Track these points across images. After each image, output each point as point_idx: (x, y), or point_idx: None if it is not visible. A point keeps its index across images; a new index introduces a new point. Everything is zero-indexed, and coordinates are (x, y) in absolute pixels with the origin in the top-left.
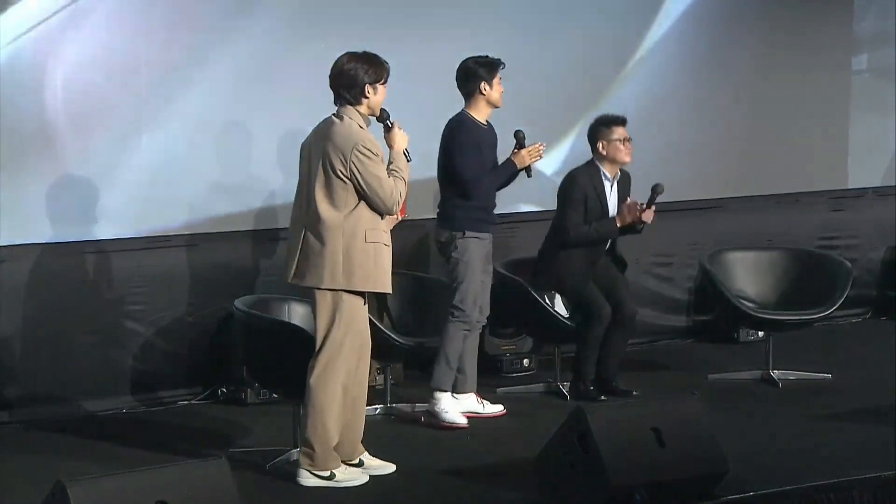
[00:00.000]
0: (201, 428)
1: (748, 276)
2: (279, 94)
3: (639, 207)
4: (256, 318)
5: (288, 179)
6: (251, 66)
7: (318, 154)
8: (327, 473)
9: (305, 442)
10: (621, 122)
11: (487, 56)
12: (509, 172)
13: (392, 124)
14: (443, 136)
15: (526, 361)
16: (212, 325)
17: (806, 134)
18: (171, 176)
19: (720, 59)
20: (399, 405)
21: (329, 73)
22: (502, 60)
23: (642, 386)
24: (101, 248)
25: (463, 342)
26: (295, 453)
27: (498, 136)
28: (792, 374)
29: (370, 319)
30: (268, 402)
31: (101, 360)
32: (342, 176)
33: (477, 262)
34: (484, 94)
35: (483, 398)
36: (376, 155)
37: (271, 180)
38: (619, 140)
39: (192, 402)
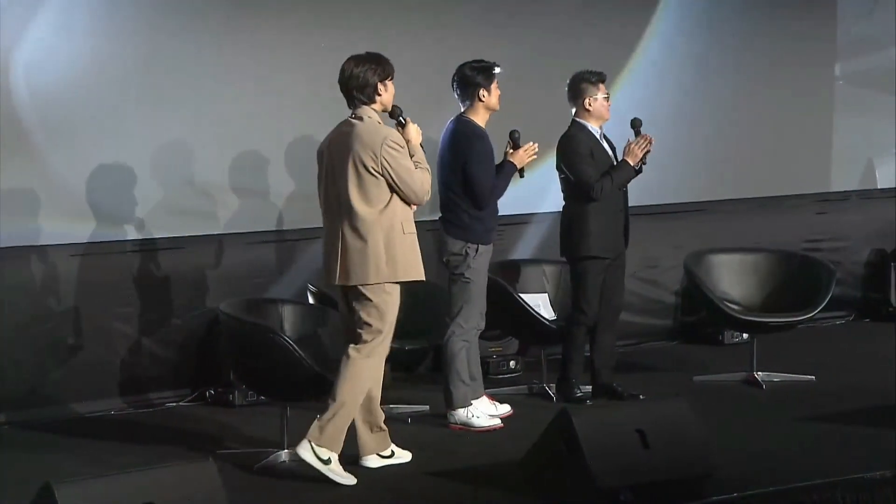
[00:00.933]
0: (189, 429)
1: (733, 278)
2: (269, 96)
3: (635, 144)
4: (239, 321)
5: (276, 182)
6: (238, 69)
7: (344, 155)
8: (326, 456)
9: (322, 417)
10: (604, 78)
11: (483, 61)
12: (512, 174)
13: (406, 120)
14: (453, 142)
15: (512, 363)
16: (200, 328)
17: (790, 138)
18: (159, 179)
19: (705, 65)
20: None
21: (338, 79)
22: (498, 64)
23: (628, 388)
24: (91, 251)
25: (467, 353)
26: (283, 454)
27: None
28: (776, 376)
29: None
30: (255, 403)
31: (91, 362)
32: (374, 172)
33: (484, 278)
34: (483, 101)
35: (493, 399)
36: (403, 148)
37: (260, 184)
38: (605, 97)
39: (181, 403)
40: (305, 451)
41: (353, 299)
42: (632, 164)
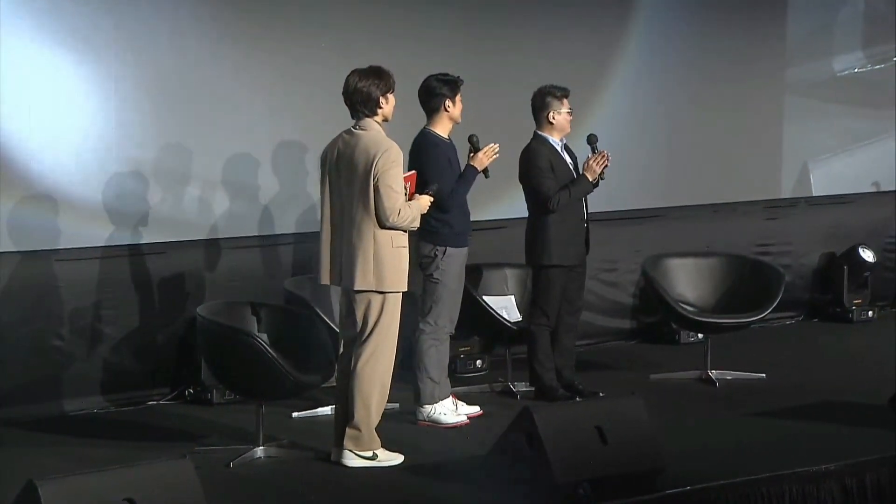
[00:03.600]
0: (169, 427)
1: (688, 281)
2: (256, 103)
3: (593, 161)
4: (216, 324)
5: (260, 187)
6: (221, 75)
7: (348, 164)
8: (370, 454)
9: (353, 424)
10: (567, 93)
11: (448, 74)
12: (474, 178)
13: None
14: (414, 153)
15: (479, 362)
16: (179, 329)
17: (742, 146)
18: (144, 185)
19: (658, 74)
20: None
21: (343, 90)
22: (462, 77)
23: (588, 386)
24: (75, 256)
25: (436, 352)
26: (259, 451)
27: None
28: (729, 374)
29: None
30: (233, 402)
31: (74, 362)
32: (374, 182)
33: (454, 281)
34: (448, 111)
35: (459, 399)
36: (398, 165)
37: (244, 189)
38: (568, 111)
39: (161, 402)
40: (350, 460)
41: (353, 300)
42: (590, 179)
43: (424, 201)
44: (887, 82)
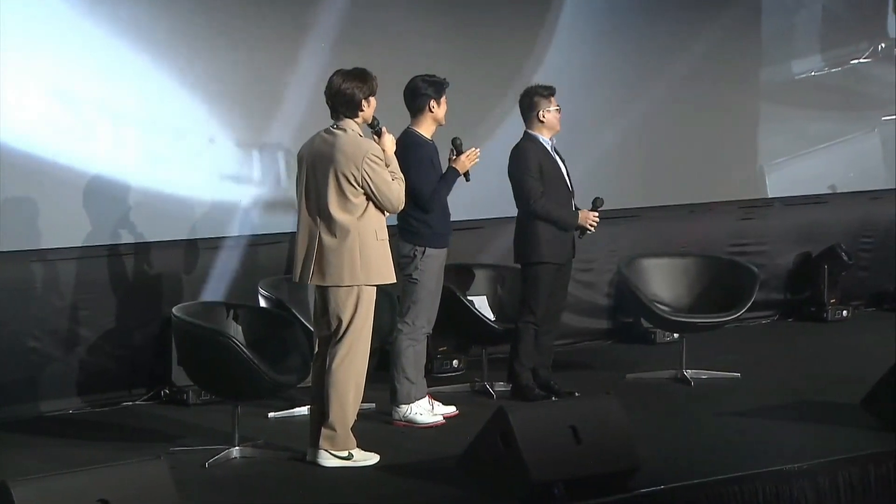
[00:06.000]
0: (145, 428)
1: (663, 281)
2: (232, 103)
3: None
4: (191, 325)
5: (236, 189)
6: (196, 73)
7: (326, 164)
8: (345, 454)
9: (328, 425)
10: (554, 92)
11: (434, 75)
12: (455, 180)
13: (382, 130)
14: (398, 153)
15: (455, 362)
16: (156, 330)
17: (718, 146)
18: (118, 186)
19: (635, 75)
20: None
21: (325, 90)
22: (447, 80)
23: (564, 385)
24: (51, 257)
25: (413, 352)
26: (234, 451)
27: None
28: (704, 374)
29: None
30: (209, 402)
31: (50, 362)
32: (354, 183)
33: (433, 281)
34: (432, 112)
35: (435, 399)
36: (382, 160)
37: (218, 190)
38: (557, 109)
39: (137, 402)
40: (326, 460)
41: (328, 300)
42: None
43: (389, 148)
44: (845, 85)
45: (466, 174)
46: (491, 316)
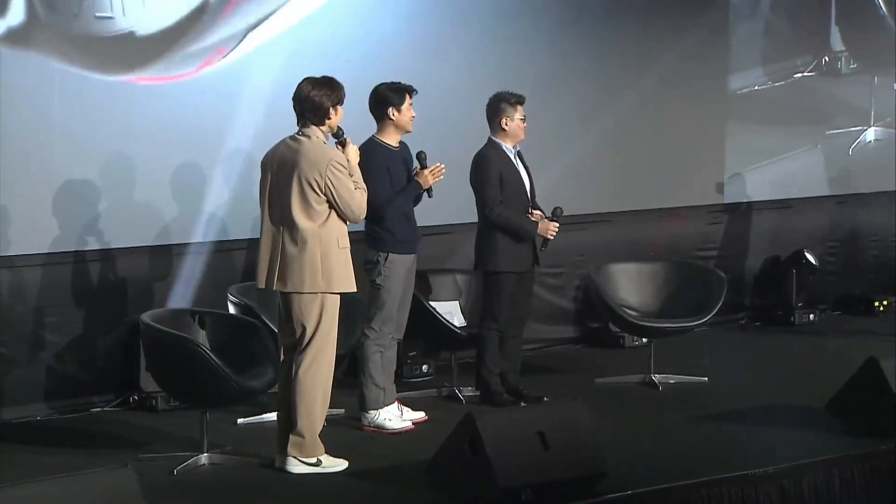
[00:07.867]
0: (113, 434)
1: (631, 286)
2: (199, 108)
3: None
4: (159, 331)
5: (204, 194)
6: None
7: (290, 171)
8: (314, 460)
9: (296, 431)
10: (522, 100)
11: (399, 83)
12: (415, 193)
13: (346, 140)
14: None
15: (425, 367)
16: (124, 336)
17: (686, 152)
18: (87, 192)
19: (604, 80)
20: None
21: (293, 96)
22: (414, 87)
23: (532, 390)
24: (17, 263)
25: (381, 358)
26: (203, 457)
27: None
28: (672, 378)
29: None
30: (177, 408)
31: (16, 368)
32: (318, 190)
33: (398, 286)
34: (393, 119)
35: (404, 405)
36: (346, 169)
37: (186, 195)
38: (522, 118)
39: (105, 409)
40: (294, 467)
41: (291, 307)
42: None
43: (352, 157)
44: (786, 99)
45: (429, 190)
46: (463, 321)
